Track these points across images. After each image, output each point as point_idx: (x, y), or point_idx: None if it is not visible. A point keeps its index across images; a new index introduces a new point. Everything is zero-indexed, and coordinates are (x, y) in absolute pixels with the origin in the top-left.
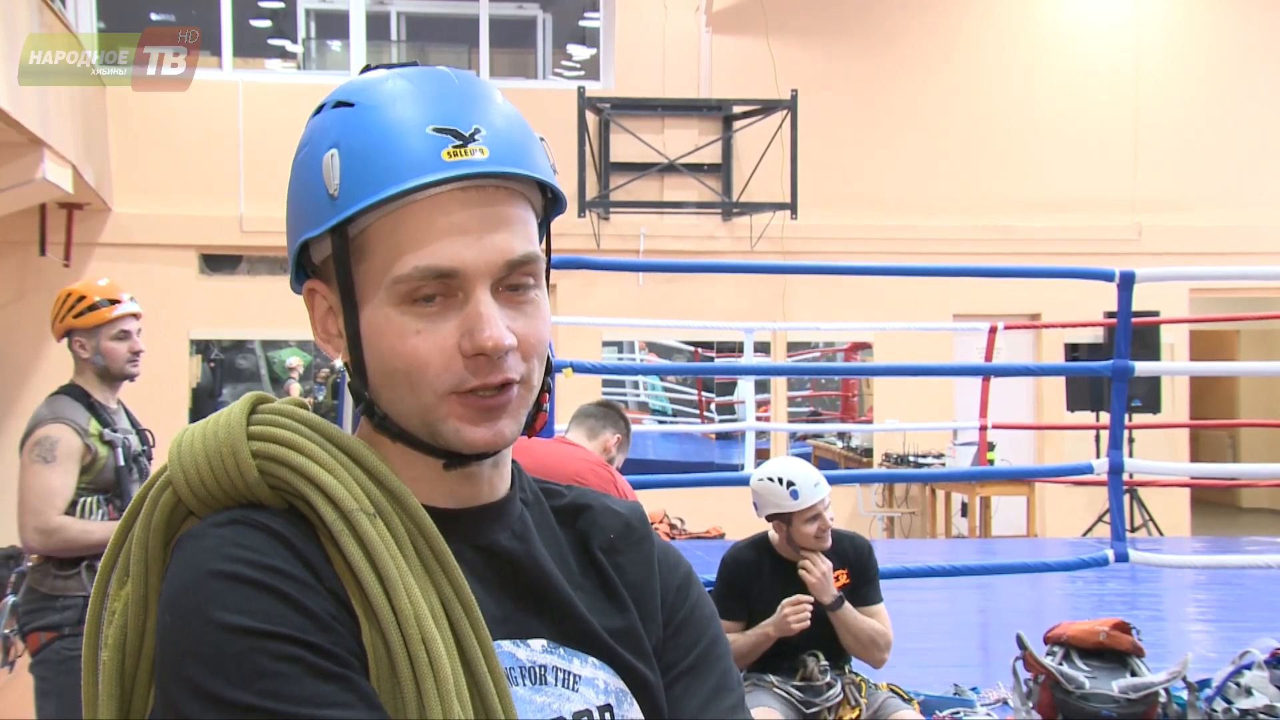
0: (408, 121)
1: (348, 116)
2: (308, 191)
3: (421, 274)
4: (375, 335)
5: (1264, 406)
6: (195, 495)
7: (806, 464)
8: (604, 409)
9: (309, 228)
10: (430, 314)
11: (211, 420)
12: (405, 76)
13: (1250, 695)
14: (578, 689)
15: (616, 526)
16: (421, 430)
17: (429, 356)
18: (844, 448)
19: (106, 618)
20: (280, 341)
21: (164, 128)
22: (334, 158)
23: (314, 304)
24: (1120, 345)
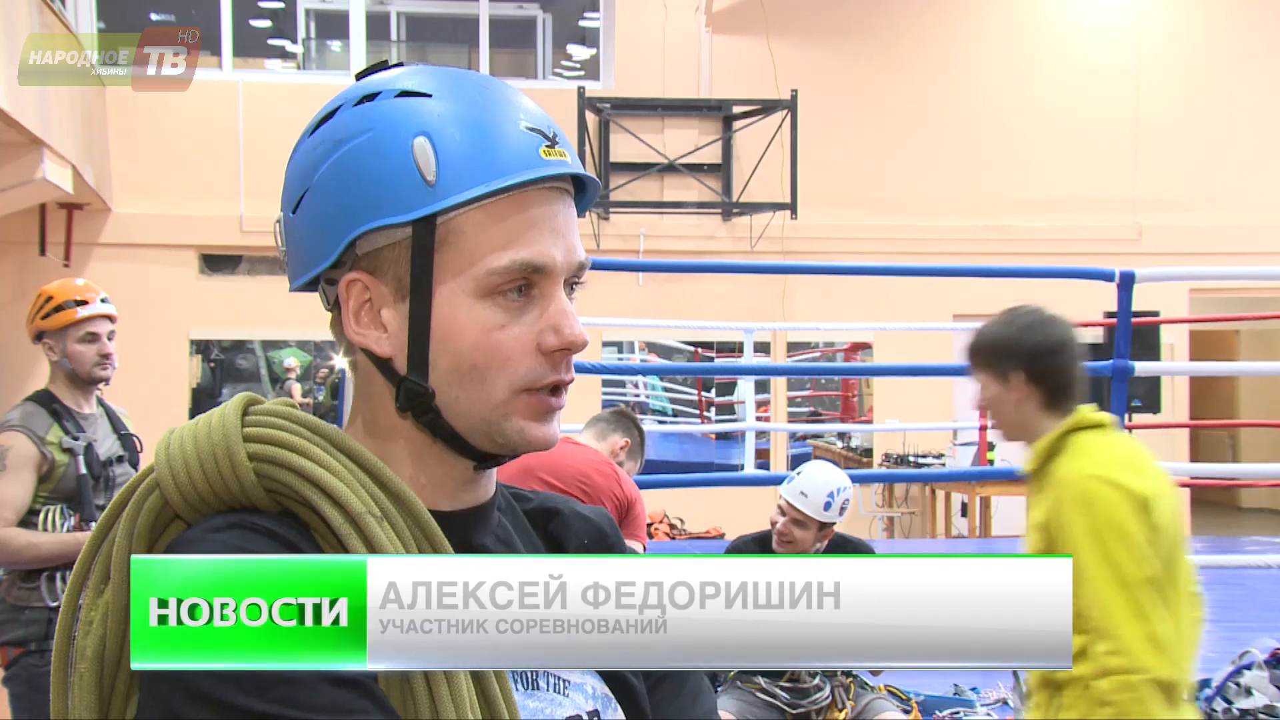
0: (504, 116)
1: (428, 105)
2: (382, 178)
3: (520, 267)
4: (454, 328)
5: (1264, 406)
6: (184, 498)
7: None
8: (618, 415)
9: (383, 215)
10: (514, 308)
11: (202, 421)
12: (456, 74)
13: (1250, 695)
14: (568, 694)
15: (590, 532)
16: (477, 428)
17: (512, 350)
18: (844, 448)
19: (82, 628)
20: (280, 341)
21: (164, 128)
22: (427, 144)
23: (350, 294)
24: (1120, 345)
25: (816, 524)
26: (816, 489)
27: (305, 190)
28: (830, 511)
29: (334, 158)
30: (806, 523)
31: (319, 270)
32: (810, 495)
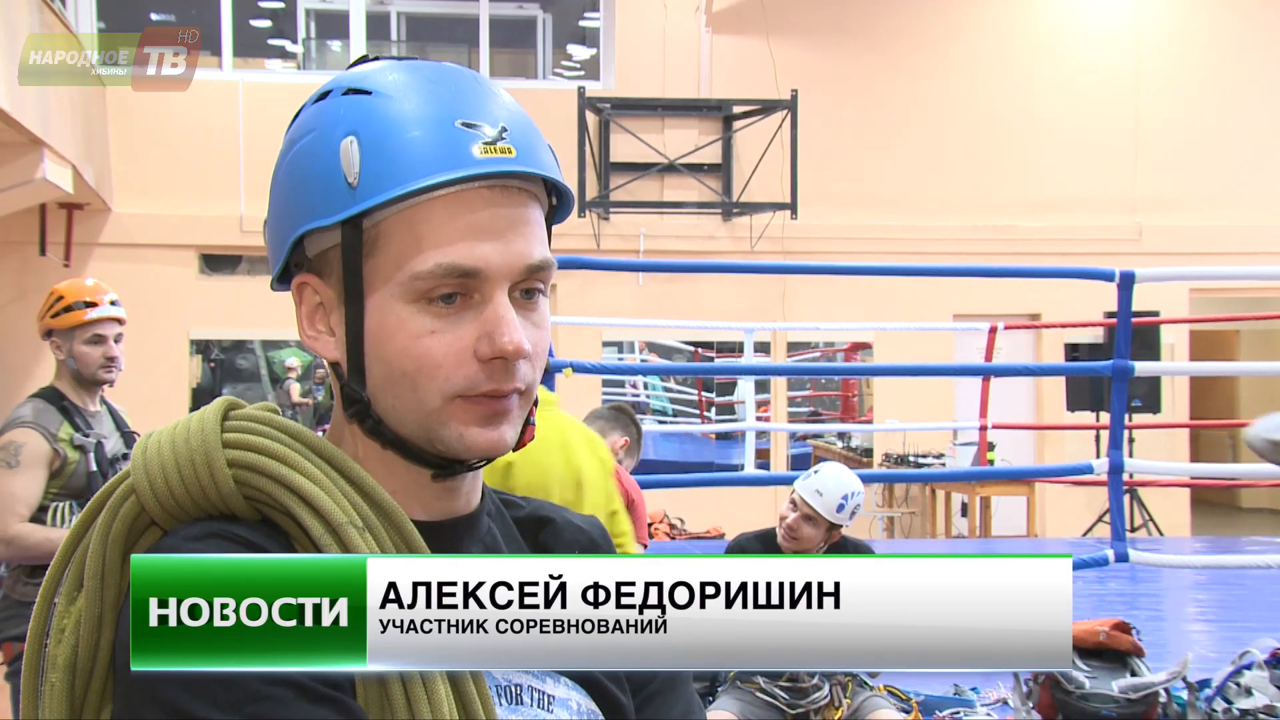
0: (435, 113)
1: (366, 104)
2: (316, 179)
3: (445, 271)
4: (382, 333)
5: (1264, 406)
6: (161, 505)
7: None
8: (615, 412)
9: (316, 217)
10: (446, 314)
11: (181, 425)
12: (420, 68)
13: (1250, 695)
14: (552, 709)
15: (582, 541)
16: (418, 436)
17: (442, 357)
18: (844, 448)
19: (54, 636)
20: (280, 341)
21: (164, 128)
22: (353, 144)
23: (302, 299)
24: (1120, 345)
25: (826, 524)
26: (832, 489)
27: (270, 193)
28: (842, 514)
29: (287, 158)
30: (817, 521)
31: (275, 272)
32: (825, 495)
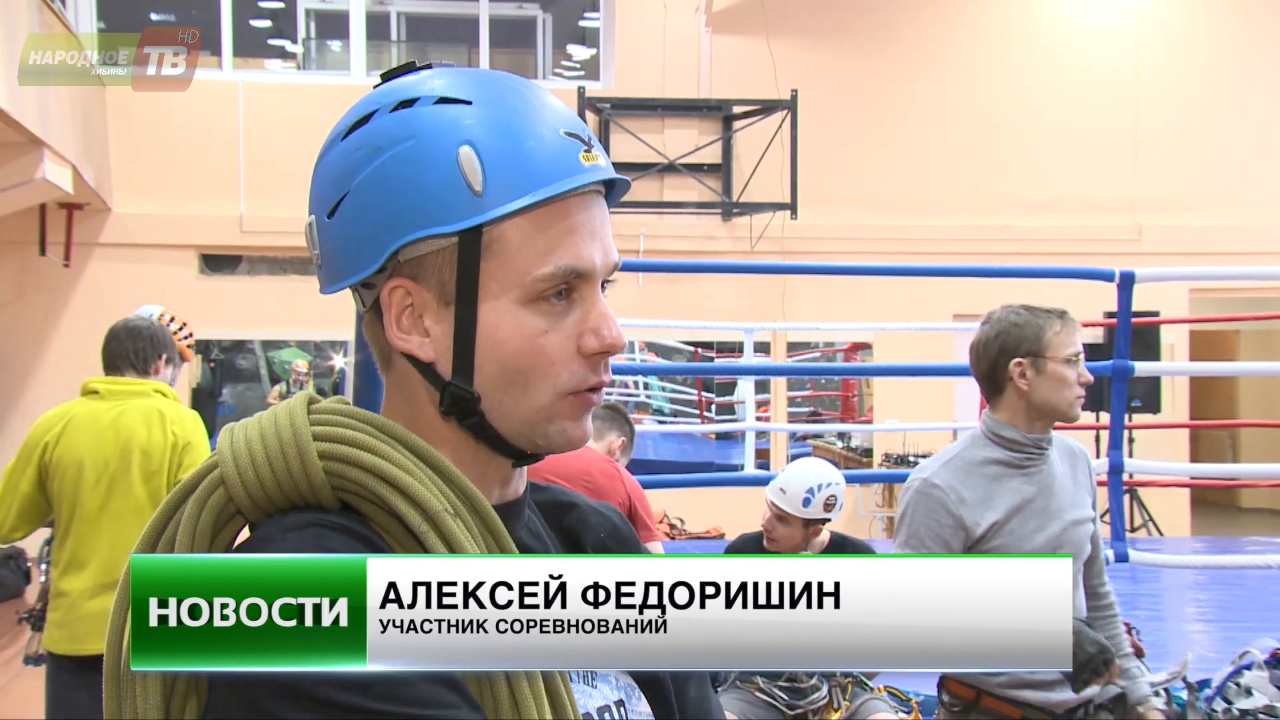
0: (542, 123)
1: (469, 113)
2: (428, 186)
3: (564, 273)
4: (498, 336)
5: (1264, 406)
6: (250, 496)
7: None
8: (610, 412)
9: (431, 224)
10: (556, 313)
11: (268, 418)
12: (496, 79)
13: (1250, 695)
14: (596, 685)
15: (605, 526)
16: (521, 431)
17: (555, 355)
18: (844, 448)
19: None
20: (280, 341)
21: (164, 128)
22: (473, 154)
23: (392, 301)
24: (1120, 345)
25: (800, 521)
26: (795, 484)
27: (343, 195)
28: (811, 508)
29: (375, 164)
30: (788, 519)
31: (362, 276)
32: (789, 491)
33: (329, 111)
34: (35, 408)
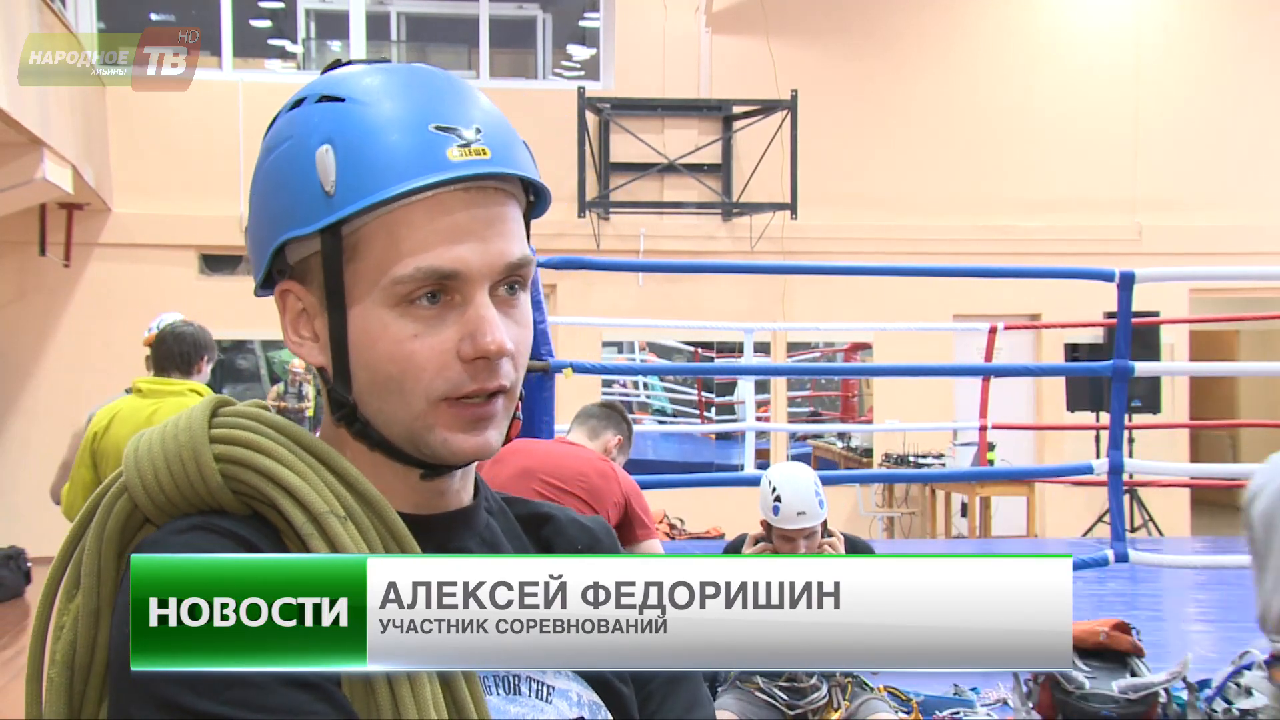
0: (409, 117)
1: (340, 111)
2: (293, 187)
3: (425, 275)
4: (366, 339)
5: (1264, 406)
6: (153, 502)
7: (809, 487)
8: (606, 410)
9: (295, 225)
10: (427, 316)
11: (170, 423)
12: (393, 72)
13: (1250, 695)
14: (551, 700)
15: (584, 539)
16: (404, 439)
17: (426, 360)
18: (844, 448)
19: (53, 633)
20: (280, 342)
21: (164, 128)
22: (329, 152)
23: (285, 305)
24: (1120, 345)
25: (824, 524)
26: (794, 500)
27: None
28: (824, 507)
29: (264, 166)
30: (815, 530)
31: (258, 279)
32: (809, 510)
33: None
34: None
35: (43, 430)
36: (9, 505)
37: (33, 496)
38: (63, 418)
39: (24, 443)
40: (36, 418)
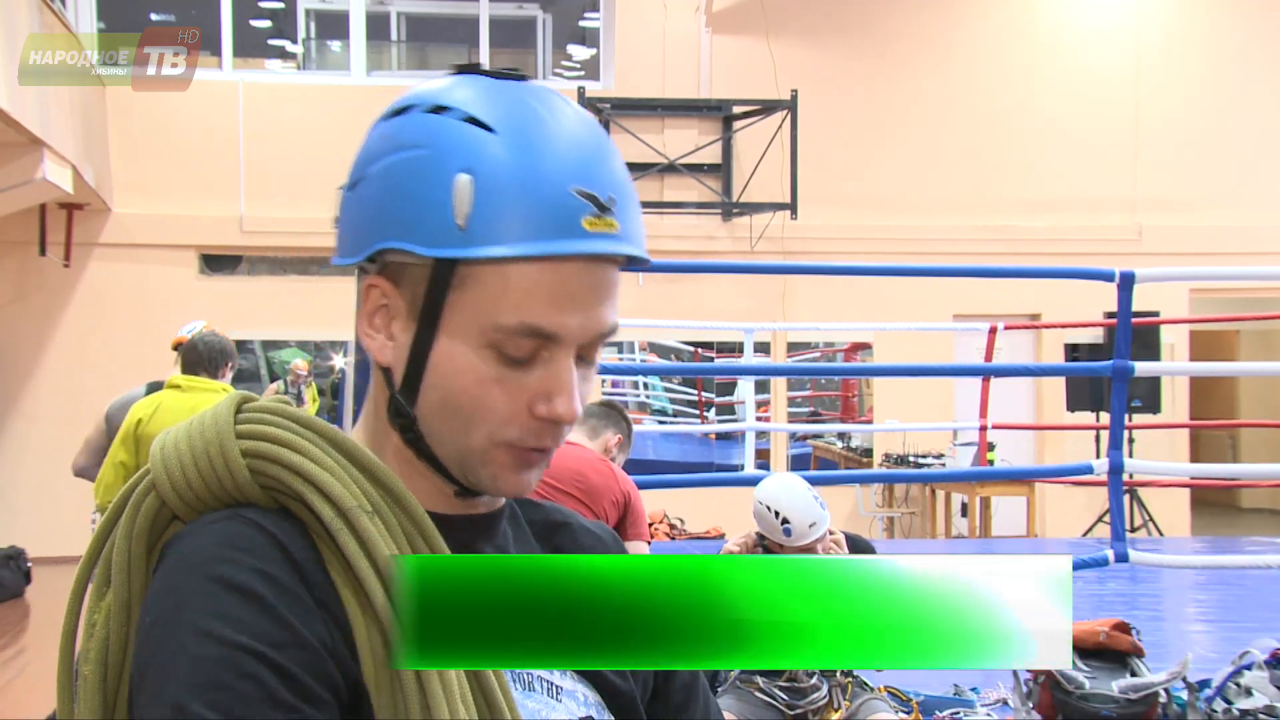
0: (554, 174)
1: (486, 143)
2: (421, 201)
3: (526, 331)
4: (449, 365)
5: (1264, 406)
6: (181, 498)
7: (809, 497)
8: (606, 409)
9: (413, 241)
10: (514, 365)
11: (196, 420)
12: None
13: (1250, 695)
14: (561, 699)
15: (596, 548)
16: (454, 464)
17: (500, 406)
18: (844, 448)
19: (85, 629)
20: (280, 342)
21: (164, 128)
22: (470, 186)
23: (368, 297)
24: (1120, 345)
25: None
26: (803, 517)
27: (361, 178)
28: (825, 507)
29: (390, 159)
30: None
31: (350, 261)
32: (818, 520)
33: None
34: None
35: (43, 430)
36: (9, 505)
37: (33, 496)
38: (63, 418)
39: (24, 443)
40: (36, 418)
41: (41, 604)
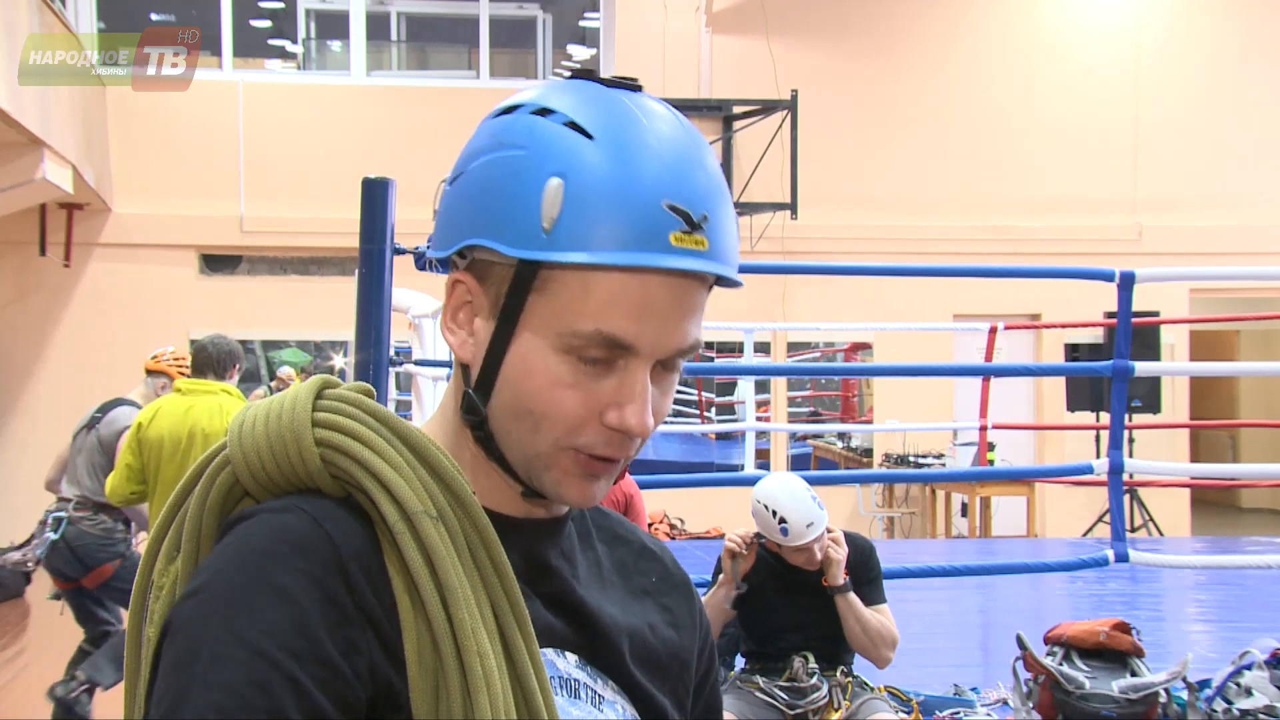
0: (647, 186)
1: (583, 148)
2: (512, 200)
3: (602, 340)
4: (523, 366)
5: (1264, 406)
6: (254, 478)
7: (806, 496)
8: None
9: (500, 239)
10: (588, 372)
11: (276, 402)
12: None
13: (1250, 695)
14: (602, 709)
15: (659, 570)
16: (521, 465)
17: (570, 412)
18: (844, 448)
19: (154, 593)
20: (280, 341)
21: (164, 128)
22: (560, 190)
23: (453, 292)
24: (1120, 345)
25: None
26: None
27: (461, 173)
28: (824, 507)
29: (489, 157)
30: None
31: (440, 254)
32: (815, 520)
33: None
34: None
35: (42, 430)
36: (9, 505)
37: (33, 496)
38: (63, 418)
39: (24, 443)
40: (36, 418)
41: (41, 604)
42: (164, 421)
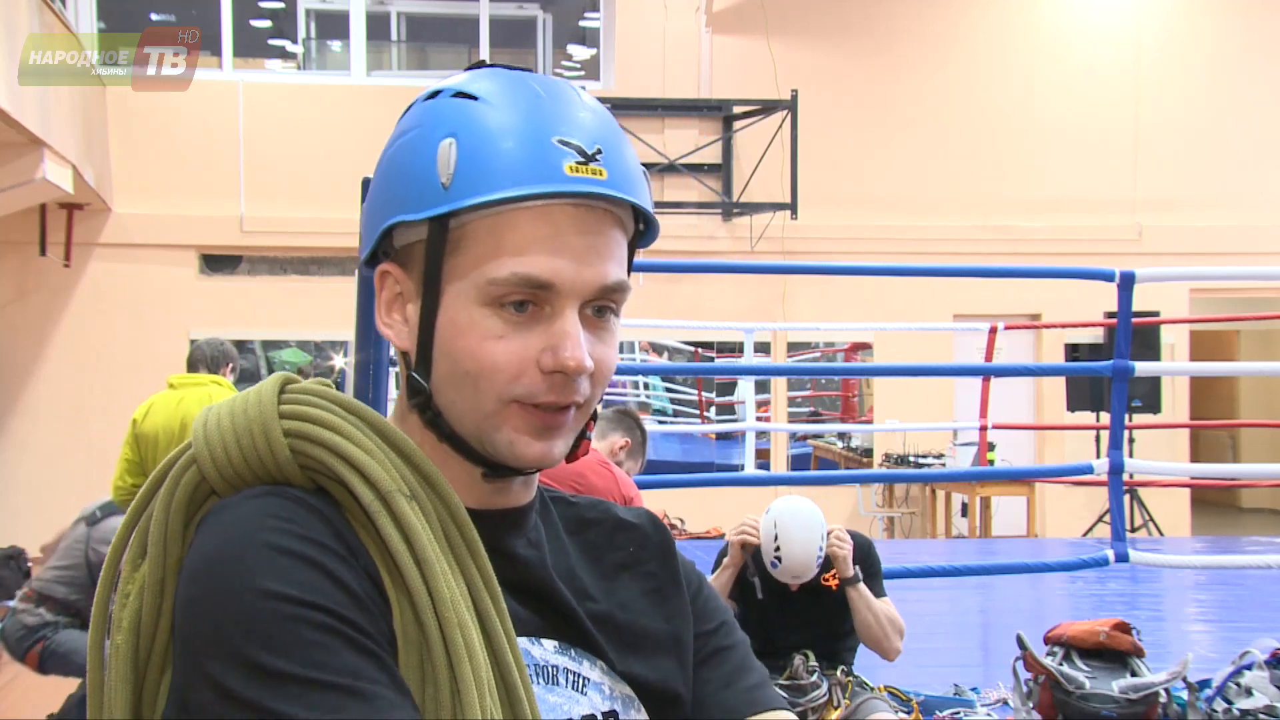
0: (534, 126)
1: (470, 109)
2: (411, 174)
3: (519, 280)
4: (453, 330)
5: (1264, 406)
6: (220, 474)
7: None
8: (619, 414)
9: (406, 210)
10: (516, 321)
11: (240, 398)
12: (530, 80)
13: (1250, 695)
14: (586, 692)
15: (635, 539)
16: (472, 435)
17: (505, 362)
18: (844, 448)
19: (119, 600)
20: (280, 341)
21: (164, 128)
22: (451, 146)
23: (383, 286)
24: (1120, 345)
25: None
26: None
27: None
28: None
29: (390, 150)
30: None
31: (364, 255)
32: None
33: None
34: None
35: (43, 430)
36: (9, 505)
37: (33, 496)
38: (63, 418)
39: (24, 443)
40: (37, 418)
41: None
42: (158, 415)
